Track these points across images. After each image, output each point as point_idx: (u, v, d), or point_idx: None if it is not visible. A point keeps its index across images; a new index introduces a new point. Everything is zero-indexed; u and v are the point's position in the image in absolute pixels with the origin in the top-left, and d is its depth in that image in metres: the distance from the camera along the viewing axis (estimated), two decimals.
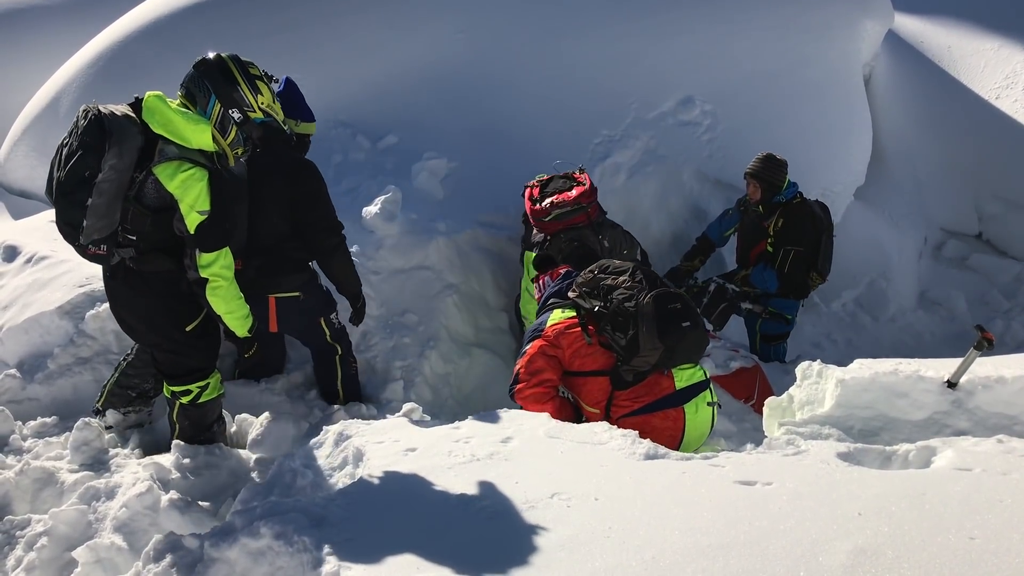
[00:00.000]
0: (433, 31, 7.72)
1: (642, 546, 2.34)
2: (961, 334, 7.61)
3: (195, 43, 7.88)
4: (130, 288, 3.95)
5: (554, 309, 4.31)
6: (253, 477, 4.06)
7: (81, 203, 3.59)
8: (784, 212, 6.10)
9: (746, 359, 5.82)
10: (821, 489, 2.65)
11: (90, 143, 3.55)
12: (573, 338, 4.11)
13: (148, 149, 3.64)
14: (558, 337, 4.13)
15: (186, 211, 3.68)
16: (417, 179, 6.62)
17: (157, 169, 3.63)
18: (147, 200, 3.71)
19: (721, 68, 7.42)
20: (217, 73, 3.75)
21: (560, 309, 4.28)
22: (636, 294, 4.03)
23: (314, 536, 2.72)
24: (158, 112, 3.65)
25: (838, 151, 7.41)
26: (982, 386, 3.54)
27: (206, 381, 4.15)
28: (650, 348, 3.89)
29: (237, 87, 3.77)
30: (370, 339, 5.56)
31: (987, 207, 9.10)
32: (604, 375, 4.05)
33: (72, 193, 3.58)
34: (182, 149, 3.66)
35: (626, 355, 3.96)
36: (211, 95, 3.72)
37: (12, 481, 3.89)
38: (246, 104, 3.79)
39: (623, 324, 3.97)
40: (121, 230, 3.75)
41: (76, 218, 3.62)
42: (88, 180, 3.56)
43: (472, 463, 3.12)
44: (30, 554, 3.40)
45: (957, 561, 2.12)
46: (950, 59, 10.11)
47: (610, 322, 4.03)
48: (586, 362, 4.09)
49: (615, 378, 4.03)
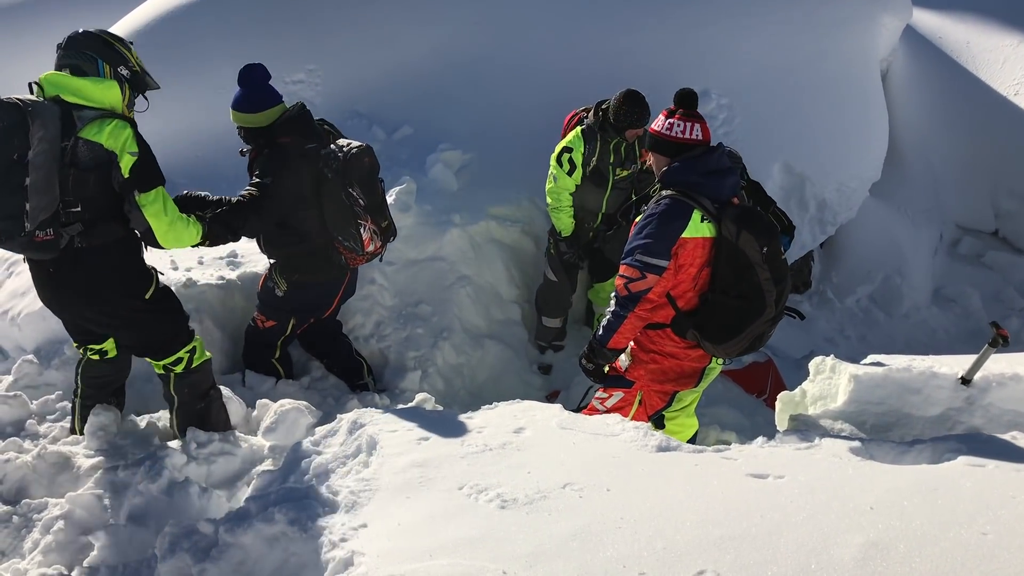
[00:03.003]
0: (449, 22, 7.73)
1: (653, 537, 2.35)
2: (976, 331, 7.58)
3: (211, 33, 7.97)
4: (81, 271, 3.83)
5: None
6: (267, 464, 4.09)
7: (19, 185, 3.50)
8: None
9: (759, 354, 5.82)
10: (833, 483, 2.65)
11: (9, 125, 3.47)
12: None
13: (66, 120, 3.61)
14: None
15: (120, 156, 3.66)
16: (432, 170, 6.64)
17: (83, 132, 3.61)
18: (83, 163, 3.65)
19: (738, 62, 7.39)
20: (94, 39, 3.77)
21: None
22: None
23: (327, 522, 2.74)
24: (63, 83, 3.64)
25: (854, 146, 7.36)
26: (996, 383, 3.54)
27: (191, 345, 4.16)
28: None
29: (115, 47, 3.81)
30: (384, 329, 5.59)
31: (1004, 204, 9.04)
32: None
33: (5, 179, 3.49)
34: (96, 110, 3.67)
35: None
36: (97, 60, 3.73)
37: (29, 465, 3.93)
38: (129, 61, 3.84)
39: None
40: (63, 206, 3.67)
41: (16, 205, 3.52)
42: (19, 161, 3.48)
43: (485, 452, 3.13)
44: (47, 537, 3.44)
45: (969, 556, 2.12)
46: (968, 55, 10.04)
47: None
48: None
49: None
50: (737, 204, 3.79)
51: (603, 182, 5.69)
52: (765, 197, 5.13)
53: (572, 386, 5.84)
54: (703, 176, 3.72)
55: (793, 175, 6.92)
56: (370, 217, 4.61)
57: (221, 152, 6.88)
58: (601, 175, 5.67)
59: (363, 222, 4.59)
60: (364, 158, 4.54)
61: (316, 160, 4.53)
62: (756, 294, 3.64)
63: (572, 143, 5.61)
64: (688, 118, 3.81)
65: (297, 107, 4.60)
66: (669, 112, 3.85)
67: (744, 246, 3.60)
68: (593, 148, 5.57)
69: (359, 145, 4.55)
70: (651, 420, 4.19)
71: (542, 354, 6.37)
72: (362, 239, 4.62)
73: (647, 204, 3.83)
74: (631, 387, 4.13)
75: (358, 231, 4.59)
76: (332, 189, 4.51)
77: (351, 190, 4.50)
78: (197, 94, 7.55)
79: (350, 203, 4.53)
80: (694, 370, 4.04)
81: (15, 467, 3.91)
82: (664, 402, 4.17)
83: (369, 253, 4.73)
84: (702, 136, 3.81)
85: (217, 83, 7.44)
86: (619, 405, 4.16)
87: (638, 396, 4.16)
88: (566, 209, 5.79)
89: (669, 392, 4.14)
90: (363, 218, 4.58)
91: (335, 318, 5.34)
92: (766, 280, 3.61)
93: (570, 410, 3.66)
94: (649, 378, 4.09)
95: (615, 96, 5.37)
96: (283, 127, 4.51)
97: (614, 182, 5.70)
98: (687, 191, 3.70)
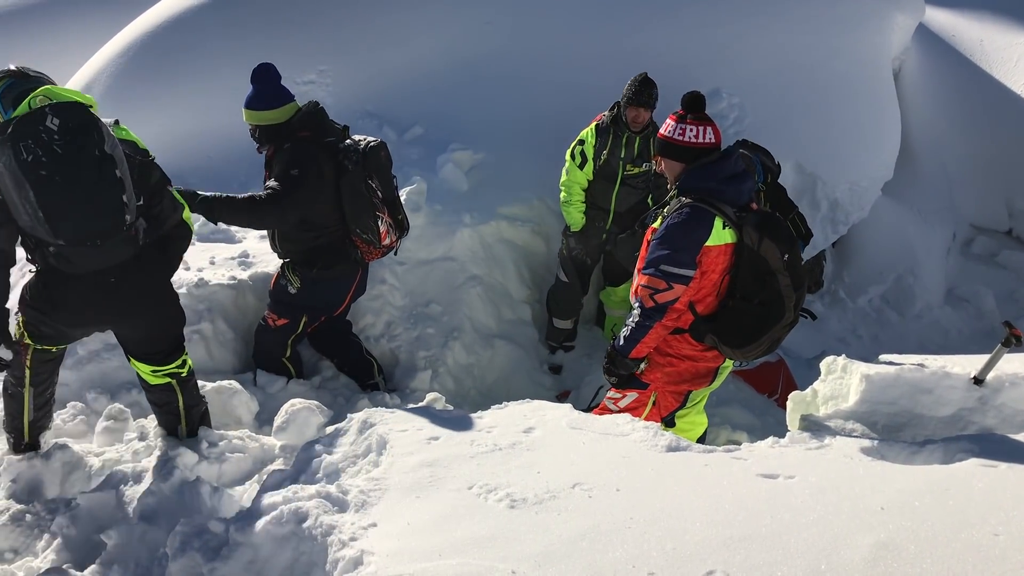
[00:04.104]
0: (461, 22, 7.73)
1: (663, 537, 2.34)
2: (989, 331, 7.53)
3: (223, 33, 8.00)
4: (148, 271, 3.75)
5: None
6: (278, 463, 4.10)
7: (114, 177, 3.38)
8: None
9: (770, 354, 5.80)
10: (844, 483, 2.64)
11: (80, 124, 3.31)
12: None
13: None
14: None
15: (149, 155, 3.69)
16: (442, 170, 6.64)
17: (114, 131, 3.54)
18: (129, 159, 3.56)
19: (750, 60, 7.37)
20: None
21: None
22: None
23: (337, 522, 2.75)
24: (72, 92, 3.44)
25: (867, 145, 7.33)
26: (1009, 383, 3.52)
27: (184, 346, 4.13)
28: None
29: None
30: (394, 329, 5.60)
31: (1017, 203, 8.98)
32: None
33: (100, 173, 3.35)
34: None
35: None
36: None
37: (42, 464, 3.96)
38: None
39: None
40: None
41: (117, 198, 3.41)
42: (105, 155, 3.35)
43: (494, 452, 3.13)
44: (59, 536, 3.46)
45: (980, 557, 2.11)
46: (982, 53, 9.98)
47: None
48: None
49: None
50: (757, 210, 3.78)
51: (612, 176, 5.73)
52: (787, 201, 5.11)
53: (582, 386, 5.83)
54: (722, 182, 3.70)
55: (805, 174, 6.89)
56: (387, 209, 4.71)
57: (232, 153, 6.90)
58: (611, 169, 5.71)
59: (380, 214, 4.68)
60: (381, 152, 4.67)
61: (336, 153, 4.59)
62: (776, 300, 3.64)
63: (584, 136, 5.73)
64: (699, 121, 3.78)
65: (311, 104, 4.66)
66: (678, 116, 3.82)
67: (766, 253, 3.59)
68: (605, 142, 5.66)
69: (375, 140, 4.68)
70: (663, 421, 4.19)
71: (552, 354, 6.37)
72: (379, 231, 4.71)
73: (664, 211, 3.81)
74: (646, 388, 4.13)
75: (376, 223, 4.68)
76: (352, 180, 4.58)
77: (370, 182, 4.60)
78: (208, 96, 7.58)
79: (369, 195, 4.62)
80: (709, 369, 4.04)
81: (28, 466, 3.93)
82: (679, 402, 4.16)
83: (385, 246, 4.83)
84: (714, 139, 3.78)
85: (227, 85, 7.48)
86: (632, 406, 4.15)
87: (652, 397, 4.15)
88: (577, 204, 5.83)
89: (684, 392, 4.13)
90: (380, 210, 4.68)
91: (346, 317, 5.36)
92: (786, 287, 3.60)
93: (580, 410, 3.66)
94: (665, 380, 4.08)
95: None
96: (301, 122, 4.57)
97: (624, 178, 5.73)
98: (706, 197, 3.68)
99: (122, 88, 7.80)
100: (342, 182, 4.60)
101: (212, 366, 5.06)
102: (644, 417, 4.08)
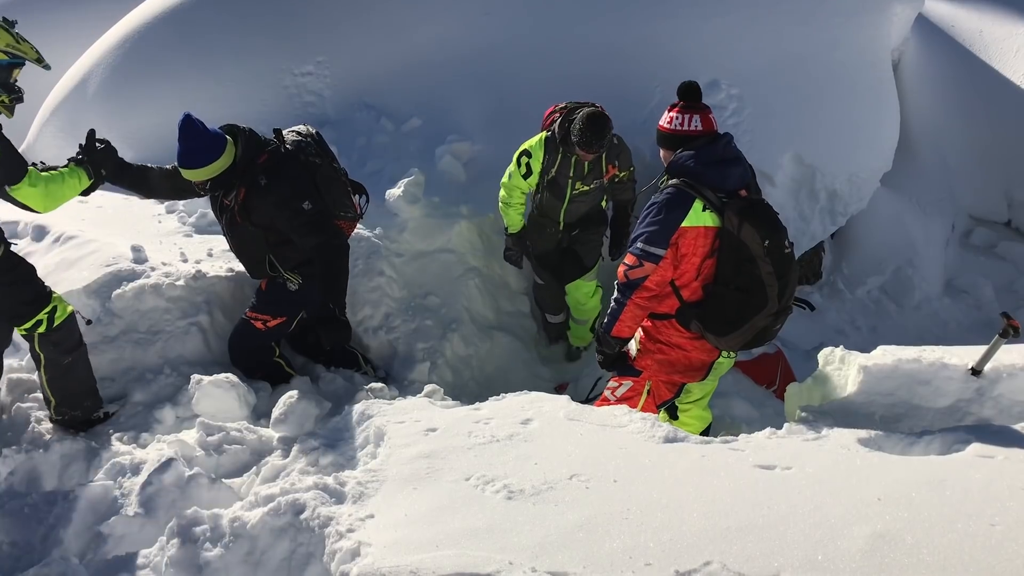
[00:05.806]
0: (459, 14, 7.70)
1: (660, 528, 2.35)
2: (987, 322, 7.52)
3: (220, 26, 7.97)
4: None
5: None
6: (276, 455, 4.10)
7: None
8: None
9: (768, 345, 5.79)
10: (841, 474, 2.64)
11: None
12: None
13: None
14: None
15: None
16: (440, 162, 6.63)
17: None
18: None
19: (748, 51, 7.34)
20: None
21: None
22: None
23: (335, 513, 2.75)
24: None
25: (865, 136, 7.31)
26: (1007, 374, 3.51)
27: (50, 307, 4.15)
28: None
29: None
30: (392, 321, 5.59)
31: (1017, 194, 8.95)
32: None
33: None
34: None
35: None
36: None
37: (41, 456, 3.96)
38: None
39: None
40: None
41: None
42: None
43: (492, 444, 3.13)
44: (58, 528, 3.46)
45: (977, 547, 2.11)
46: (981, 43, 9.95)
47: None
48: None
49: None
50: (744, 196, 3.80)
51: (560, 194, 5.56)
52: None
53: (580, 378, 5.84)
54: (704, 165, 3.76)
55: (803, 166, 6.88)
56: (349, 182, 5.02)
57: None
58: (559, 187, 5.52)
59: (348, 188, 4.98)
60: (316, 132, 4.96)
61: (297, 155, 4.66)
62: (757, 287, 3.66)
63: (532, 148, 5.46)
64: (688, 110, 3.87)
65: (238, 129, 4.54)
66: (672, 106, 3.91)
67: (746, 238, 3.62)
68: (552, 159, 5.40)
69: (303, 126, 4.94)
70: (664, 410, 4.21)
71: (550, 345, 6.37)
72: (354, 204, 4.99)
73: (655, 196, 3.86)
74: (639, 376, 4.15)
75: (350, 199, 4.96)
76: (325, 171, 4.77)
77: (334, 164, 4.90)
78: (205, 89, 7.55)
79: (338, 176, 4.89)
80: (702, 363, 4.06)
81: (26, 458, 3.94)
82: (672, 393, 4.19)
83: (359, 216, 5.11)
84: (702, 126, 3.85)
85: (225, 77, 7.47)
86: (628, 395, 4.19)
87: (647, 386, 4.18)
88: (516, 206, 5.65)
89: (677, 383, 4.15)
90: (347, 185, 4.98)
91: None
92: (768, 274, 3.63)
93: (578, 402, 3.67)
94: (656, 368, 4.13)
95: (582, 112, 5.12)
96: (250, 150, 4.49)
97: (572, 196, 5.55)
98: (690, 180, 3.73)
99: (119, 81, 7.77)
100: (318, 178, 4.70)
101: (211, 358, 5.05)
102: (640, 407, 4.12)
